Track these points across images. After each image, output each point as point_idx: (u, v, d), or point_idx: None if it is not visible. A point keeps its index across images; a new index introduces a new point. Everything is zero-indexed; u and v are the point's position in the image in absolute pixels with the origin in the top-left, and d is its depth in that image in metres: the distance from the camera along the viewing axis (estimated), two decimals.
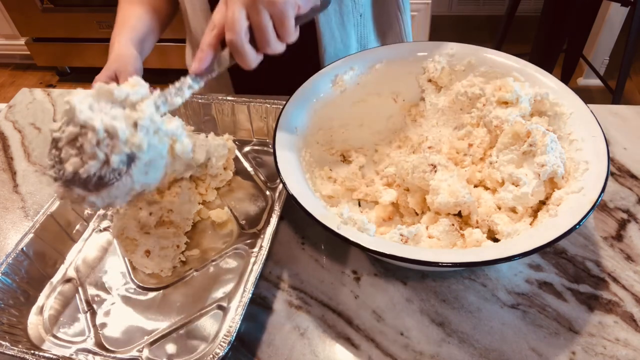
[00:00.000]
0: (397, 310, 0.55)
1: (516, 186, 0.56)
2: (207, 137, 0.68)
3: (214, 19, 0.51)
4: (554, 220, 0.50)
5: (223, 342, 0.48)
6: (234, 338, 0.49)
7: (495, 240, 0.56)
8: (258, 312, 0.56)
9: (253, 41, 0.50)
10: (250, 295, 0.51)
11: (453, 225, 0.57)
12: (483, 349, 0.51)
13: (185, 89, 0.51)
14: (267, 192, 0.69)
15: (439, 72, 0.69)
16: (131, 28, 0.71)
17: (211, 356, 0.48)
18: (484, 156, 0.63)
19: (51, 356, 0.49)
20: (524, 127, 0.57)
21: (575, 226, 0.47)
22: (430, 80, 0.71)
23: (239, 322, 0.49)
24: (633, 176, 0.68)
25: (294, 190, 0.52)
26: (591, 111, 0.58)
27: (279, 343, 0.53)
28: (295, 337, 0.54)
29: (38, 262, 0.59)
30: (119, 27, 0.72)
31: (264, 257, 0.55)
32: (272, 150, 0.57)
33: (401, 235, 0.54)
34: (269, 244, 0.56)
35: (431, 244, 0.56)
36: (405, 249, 0.48)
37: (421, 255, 0.46)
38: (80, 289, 0.59)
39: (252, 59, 0.51)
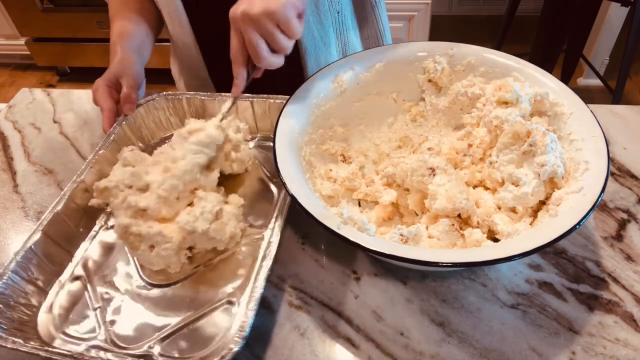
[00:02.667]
0: (397, 310, 0.55)
1: (516, 186, 0.56)
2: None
3: (234, 51, 0.60)
4: (554, 220, 0.50)
5: (237, 337, 0.48)
6: (248, 332, 0.48)
7: (495, 240, 0.56)
8: (258, 312, 0.56)
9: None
10: (261, 290, 0.51)
11: (453, 225, 0.57)
12: (483, 349, 0.51)
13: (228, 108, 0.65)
14: (273, 187, 0.69)
15: (439, 73, 0.69)
16: (129, 37, 0.77)
17: (226, 351, 0.47)
18: (483, 156, 0.63)
19: (63, 352, 0.49)
20: (524, 127, 0.57)
21: (575, 226, 0.47)
22: (430, 81, 0.71)
23: (253, 317, 0.49)
24: (633, 176, 0.68)
25: (294, 190, 0.52)
26: (591, 111, 0.58)
27: (279, 343, 0.53)
28: (295, 337, 0.54)
29: (46, 260, 0.59)
30: (116, 36, 0.77)
31: (274, 252, 0.55)
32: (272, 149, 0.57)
33: (401, 235, 0.54)
34: (278, 239, 0.56)
35: (431, 244, 0.56)
36: (405, 249, 0.48)
37: (421, 255, 0.46)
38: (89, 287, 0.59)
39: (278, 64, 0.60)
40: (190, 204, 0.61)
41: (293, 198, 0.51)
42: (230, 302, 0.56)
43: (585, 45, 2.01)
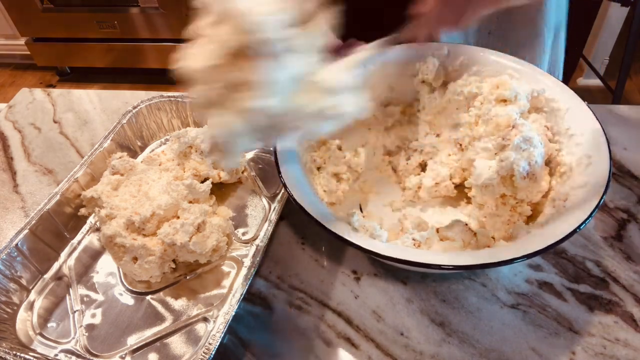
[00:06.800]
0: (397, 310, 0.55)
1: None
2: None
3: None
4: (560, 217, 0.50)
5: (202, 357, 0.48)
6: (212, 356, 0.48)
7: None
8: (258, 312, 0.56)
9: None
10: (234, 312, 0.51)
11: (466, 225, 0.58)
12: (483, 349, 0.51)
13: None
14: (264, 202, 0.68)
15: (432, 74, 0.69)
16: None
17: None
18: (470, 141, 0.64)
19: (31, 358, 0.50)
20: (507, 121, 0.58)
21: (584, 221, 0.46)
22: (424, 82, 0.71)
23: (219, 341, 0.49)
24: (633, 176, 0.68)
25: (302, 201, 0.51)
26: (587, 105, 0.58)
27: (279, 343, 0.53)
28: (295, 337, 0.53)
29: (32, 258, 0.59)
30: None
31: (253, 274, 0.54)
32: (273, 158, 0.56)
33: (413, 240, 0.54)
34: (259, 258, 0.56)
35: (445, 246, 0.56)
36: (419, 254, 0.47)
37: (438, 260, 0.46)
38: (71, 288, 0.59)
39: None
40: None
41: (301, 208, 0.50)
42: (205, 319, 0.55)
43: (585, 45, 2.00)
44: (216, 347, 0.48)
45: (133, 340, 0.54)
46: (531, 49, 0.79)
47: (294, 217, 0.65)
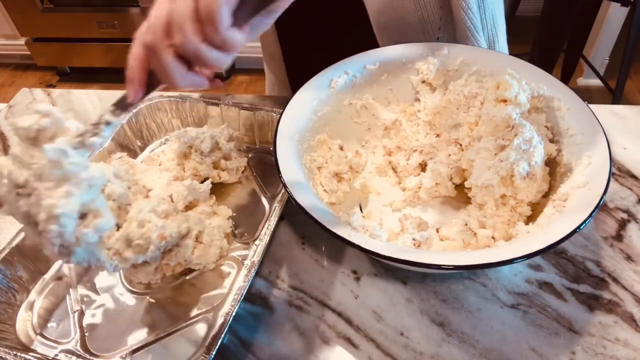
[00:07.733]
0: (397, 310, 0.55)
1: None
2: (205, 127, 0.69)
3: (133, 61, 0.40)
4: (559, 217, 0.50)
5: (203, 358, 0.48)
6: (213, 356, 0.48)
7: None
8: (258, 312, 0.56)
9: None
10: (234, 313, 0.51)
11: (466, 225, 0.57)
12: (483, 349, 0.51)
13: (102, 127, 0.46)
14: (265, 202, 0.68)
15: (432, 74, 0.69)
16: None
17: None
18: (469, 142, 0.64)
19: (31, 358, 0.50)
20: (507, 122, 0.58)
21: (585, 221, 0.46)
22: (424, 82, 0.71)
23: (220, 341, 0.49)
24: (633, 176, 0.68)
25: (302, 201, 0.51)
26: (587, 105, 0.58)
27: (279, 343, 0.53)
28: (295, 337, 0.54)
29: (32, 258, 0.59)
30: None
31: (253, 274, 0.54)
32: (273, 158, 0.56)
33: (413, 240, 0.54)
34: (259, 259, 0.56)
35: (444, 246, 0.56)
36: (420, 254, 0.47)
37: (438, 260, 0.46)
38: (71, 288, 0.59)
39: (177, 73, 0.39)
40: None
41: (301, 208, 0.50)
42: (205, 319, 0.55)
43: (585, 45, 2.01)
44: (216, 347, 0.48)
45: (133, 340, 0.54)
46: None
47: (294, 217, 0.65)
